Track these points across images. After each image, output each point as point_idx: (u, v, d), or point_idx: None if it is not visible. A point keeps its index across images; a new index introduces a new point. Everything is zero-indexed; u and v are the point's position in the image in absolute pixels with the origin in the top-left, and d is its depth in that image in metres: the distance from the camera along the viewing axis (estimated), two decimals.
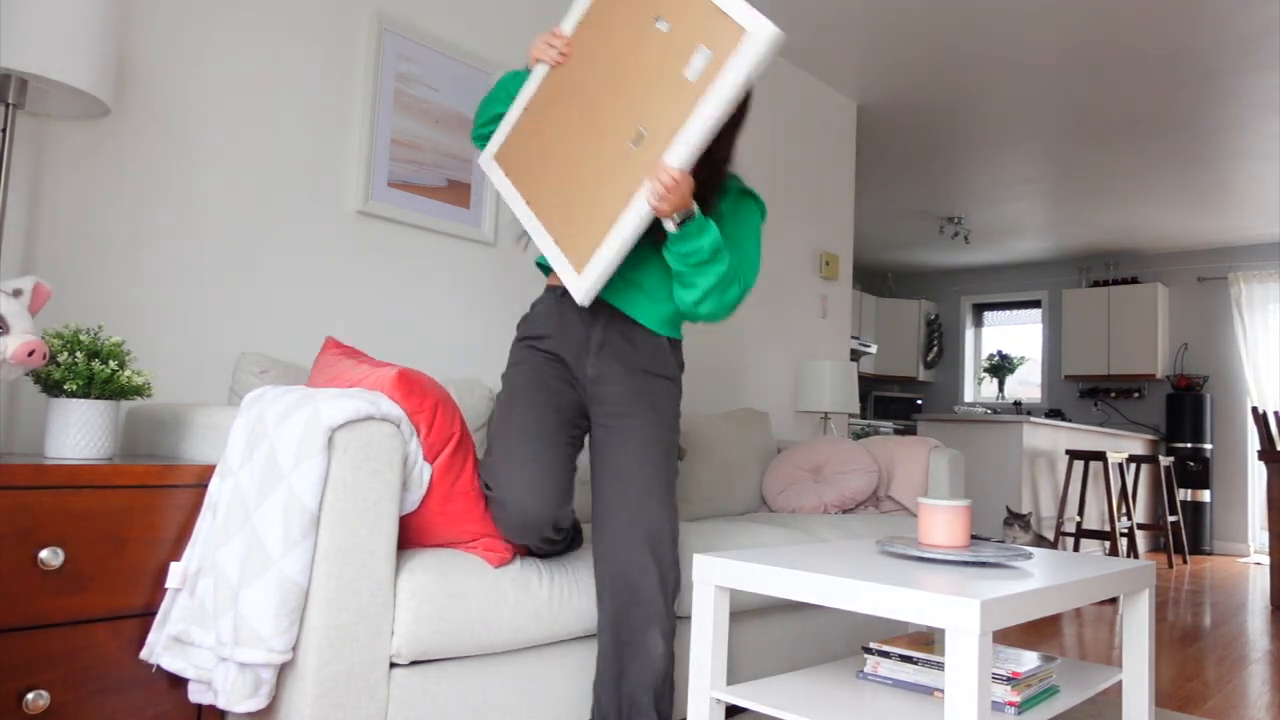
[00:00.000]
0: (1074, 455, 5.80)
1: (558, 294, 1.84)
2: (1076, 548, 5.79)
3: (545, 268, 1.92)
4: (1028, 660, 1.71)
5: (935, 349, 8.91)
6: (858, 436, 6.28)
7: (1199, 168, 5.50)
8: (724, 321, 3.80)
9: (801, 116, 4.28)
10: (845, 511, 3.09)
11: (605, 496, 1.72)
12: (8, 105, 1.71)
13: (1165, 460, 6.30)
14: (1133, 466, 6.40)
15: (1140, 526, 6.16)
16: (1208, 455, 7.21)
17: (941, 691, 1.62)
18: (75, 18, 1.66)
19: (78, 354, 1.58)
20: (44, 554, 1.36)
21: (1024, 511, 5.48)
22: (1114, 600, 4.41)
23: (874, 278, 9.01)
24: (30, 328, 1.54)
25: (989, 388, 8.72)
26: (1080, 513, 5.90)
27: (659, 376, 1.81)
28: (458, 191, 2.74)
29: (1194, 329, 7.56)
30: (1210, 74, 4.13)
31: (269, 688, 1.40)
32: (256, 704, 1.39)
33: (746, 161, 3.95)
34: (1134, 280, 7.74)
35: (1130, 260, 7.86)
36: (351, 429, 1.44)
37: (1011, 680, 1.58)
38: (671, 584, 1.71)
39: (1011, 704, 1.56)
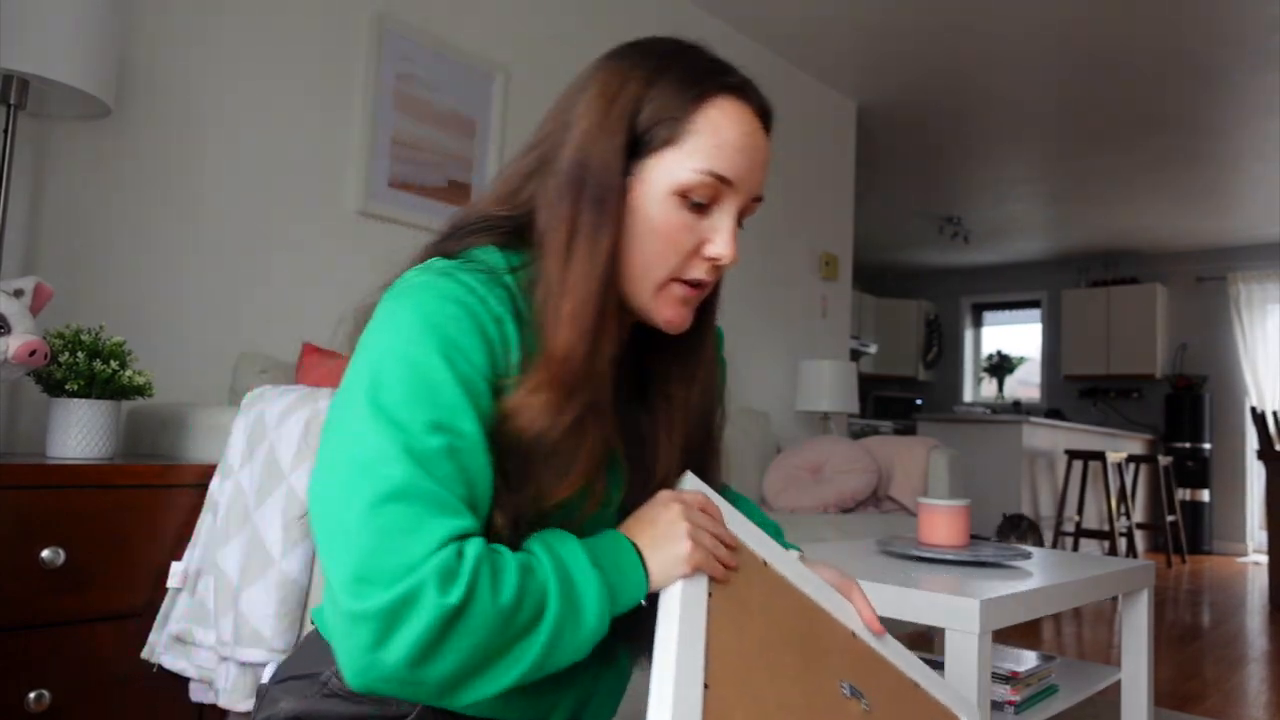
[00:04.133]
0: (1073, 455, 5.80)
1: None
2: (1076, 547, 5.79)
3: None
4: (1027, 659, 1.72)
5: (935, 349, 8.91)
6: (857, 436, 6.28)
7: (1199, 168, 5.50)
8: (724, 319, 3.80)
9: (801, 116, 4.28)
10: (845, 511, 3.10)
11: None
12: (9, 106, 1.71)
13: (1164, 460, 6.30)
14: (1132, 466, 6.40)
15: (1139, 526, 6.16)
16: (1206, 455, 7.22)
17: None
18: (76, 19, 1.66)
19: (79, 354, 1.58)
20: (45, 553, 1.36)
21: (1019, 513, 5.47)
22: (1113, 599, 4.41)
23: (874, 278, 9.01)
24: (32, 328, 1.54)
25: (988, 388, 8.72)
26: (1079, 512, 5.90)
27: None
28: (458, 191, 2.75)
29: (1193, 329, 7.57)
30: (1210, 74, 4.13)
31: None
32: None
33: None
34: (1133, 280, 7.75)
35: (1129, 260, 7.86)
36: None
37: (1011, 679, 1.59)
38: None
39: (1011, 703, 1.57)
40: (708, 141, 0.73)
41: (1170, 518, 6.29)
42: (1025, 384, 8.54)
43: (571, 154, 0.73)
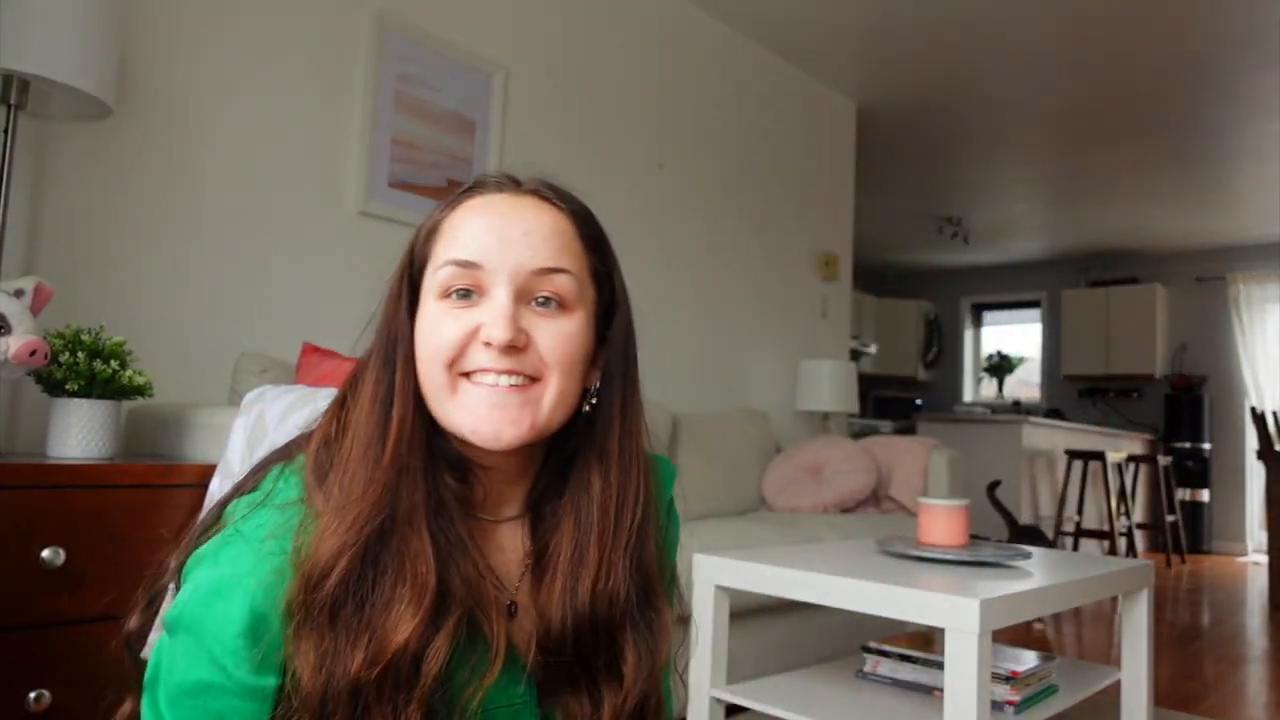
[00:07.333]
0: (1073, 455, 5.80)
1: None
2: (1076, 547, 5.79)
3: None
4: (1027, 659, 1.72)
5: (935, 349, 8.91)
6: (857, 436, 6.28)
7: (1199, 168, 5.50)
8: (724, 319, 3.80)
9: (801, 116, 4.28)
10: (844, 511, 3.10)
11: None
12: (9, 106, 1.71)
13: (1164, 460, 6.30)
14: (1131, 466, 6.40)
15: (1139, 526, 6.15)
16: (1206, 455, 7.22)
17: (941, 690, 1.62)
18: (76, 19, 1.66)
19: (79, 354, 1.58)
20: (45, 553, 1.36)
21: (1025, 522, 5.46)
22: (1113, 599, 4.41)
23: (874, 278, 9.01)
24: (32, 328, 1.54)
25: (988, 388, 8.72)
26: (1079, 512, 5.90)
27: None
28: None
29: (1192, 329, 7.57)
30: (1210, 74, 4.13)
31: None
32: None
33: (747, 161, 3.97)
34: (1133, 280, 7.74)
35: (1129, 260, 7.86)
36: None
37: (1010, 679, 1.59)
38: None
39: (1010, 703, 1.57)
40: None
41: (1170, 518, 6.29)
42: (1025, 384, 8.54)
43: None
